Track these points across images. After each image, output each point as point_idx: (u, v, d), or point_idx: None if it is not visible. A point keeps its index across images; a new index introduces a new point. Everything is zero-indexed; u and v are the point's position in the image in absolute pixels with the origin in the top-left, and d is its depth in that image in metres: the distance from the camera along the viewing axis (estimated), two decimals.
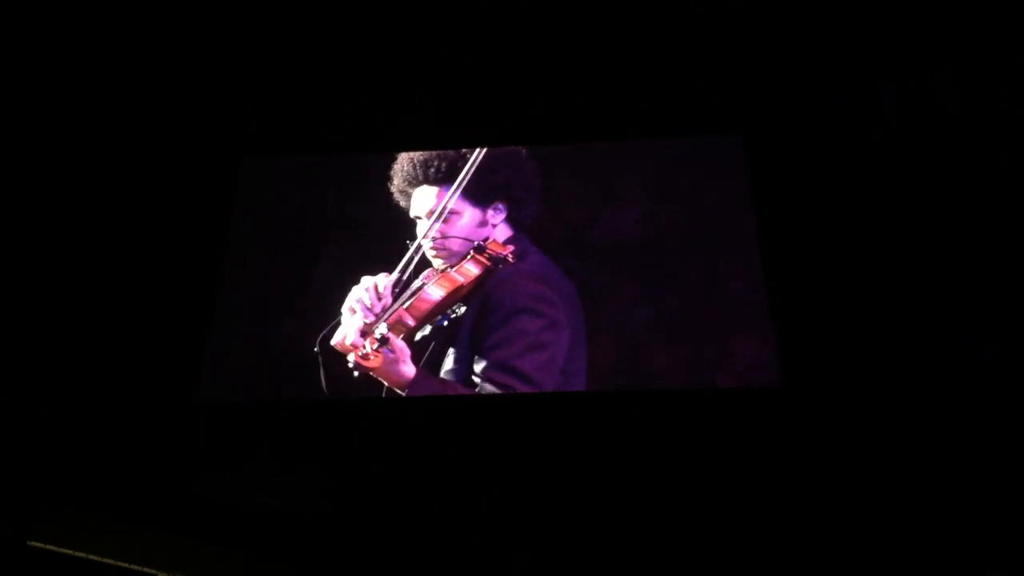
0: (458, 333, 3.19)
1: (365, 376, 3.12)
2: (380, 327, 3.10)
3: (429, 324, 3.19)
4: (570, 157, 3.64)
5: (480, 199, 3.33)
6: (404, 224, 3.39)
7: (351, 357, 3.13)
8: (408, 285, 3.25)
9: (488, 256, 3.25)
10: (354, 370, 3.12)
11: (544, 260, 3.34)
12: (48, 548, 2.98)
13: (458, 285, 3.20)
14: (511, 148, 3.52)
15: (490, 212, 3.33)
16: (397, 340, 3.11)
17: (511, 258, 3.27)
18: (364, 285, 3.22)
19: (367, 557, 3.24)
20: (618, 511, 3.14)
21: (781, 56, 3.69)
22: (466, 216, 3.31)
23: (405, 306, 3.17)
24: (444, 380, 3.16)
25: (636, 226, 3.48)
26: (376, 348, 3.06)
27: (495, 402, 3.15)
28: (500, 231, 3.33)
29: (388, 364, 3.09)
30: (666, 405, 3.20)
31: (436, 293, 3.18)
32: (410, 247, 3.30)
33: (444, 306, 3.19)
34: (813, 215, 3.46)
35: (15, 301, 3.39)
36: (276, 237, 3.62)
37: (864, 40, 3.63)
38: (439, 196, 3.34)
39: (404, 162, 3.45)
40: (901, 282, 3.31)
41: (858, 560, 2.97)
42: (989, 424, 3.00)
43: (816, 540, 3.03)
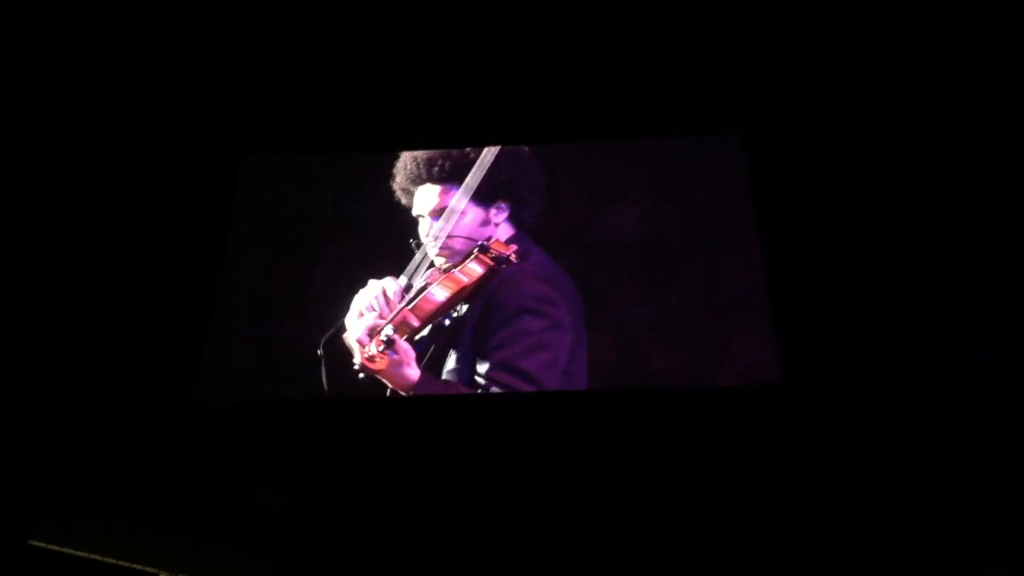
0: (460, 333, 3.19)
1: (370, 378, 3.11)
2: (385, 329, 3.10)
3: (431, 324, 3.20)
4: (570, 156, 3.63)
5: (483, 198, 3.33)
6: (405, 224, 3.39)
7: (356, 358, 3.13)
8: (411, 285, 3.25)
9: (492, 256, 3.24)
10: (359, 372, 3.12)
11: (546, 259, 3.33)
12: (49, 548, 2.98)
13: (463, 286, 3.19)
14: (514, 147, 3.51)
15: (493, 211, 3.33)
16: (402, 342, 3.11)
17: (514, 258, 3.26)
18: (372, 290, 3.22)
19: (368, 557, 3.24)
20: (618, 510, 3.14)
21: (781, 56, 3.69)
22: (469, 215, 3.30)
23: (410, 307, 3.17)
24: (447, 382, 3.16)
25: (636, 225, 3.47)
26: (382, 350, 3.06)
27: (496, 401, 3.15)
28: (502, 230, 3.33)
29: (393, 366, 3.08)
30: (666, 404, 3.20)
31: (441, 294, 3.18)
32: (413, 245, 3.30)
33: (448, 307, 3.19)
34: (813, 215, 3.46)
35: (15, 301, 3.38)
36: (276, 237, 3.60)
37: (864, 40, 3.63)
38: (442, 195, 3.34)
39: (407, 160, 3.44)
40: (901, 282, 3.31)
41: (858, 559, 2.97)
42: (989, 424, 3.00)
43: (816, 539, 3.03)
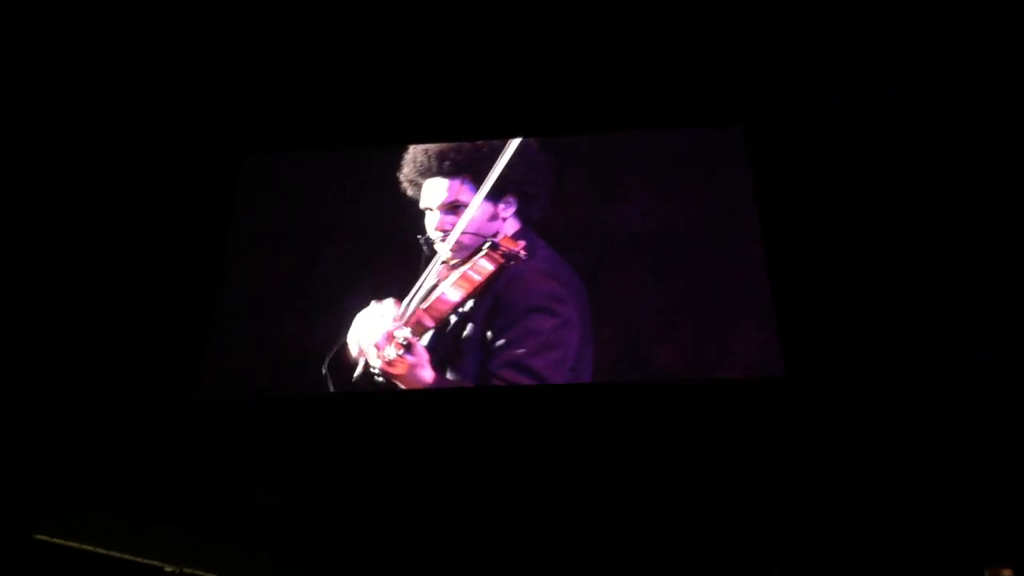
0: (468, 331, 3.18)
1: (388, 383, 3.11)
2: (403, 331, 3.09)
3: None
4: (574, 151, 3.61)
5: (492, 193, 3.31)
6: (406, 221, 3.38)
7: (373, 362, 3.12)
8: (421, 283, 3.23)
9: (502, 253, 3.24)
10: (377, 376, 3.12)
11: (552, 255, 3.32)
12: (54, 541, 3.01)
13: (476, 285, 3.19)
14: (523, 141, 3.46)
15: (501, 206, 3.32)
16: (419, 345, 3.12)
17: (523, 254, 3.25)
18: (376, 310, 3.20)
19: (369, 553, 3.25)
20: (623, 502, 3.14)
21: (781, 56, 3.69)
22: (478, 210, 3.28)
23: (424, 307, 3.17)
24: (461, 383, 3.15)
25: (641, 220, 3.45)
26: (400, 354, 3.06)
27: (499, 395, 3.14)
28: (509, 225, 3.32)
29: (410, 369, 3.08)
30: (670, 397, 3.19)
31: (455, 294, 3.18)
32: (422, 241, 3.29)
33: (460, 305, 3.19)
34: (814, 214, 3.45)
35: (16, 301, 3.39)
36: (277, 235, 3.60)
37: (864, 40, 3.62)
38: (451, 189, 3.33)
39: (418, 152, 3.44)
40: (901, 282, 3.30)
41: (859, 550, 2.97)
42: (989, 423, 3.00)
43: (818, 531, 3.03)
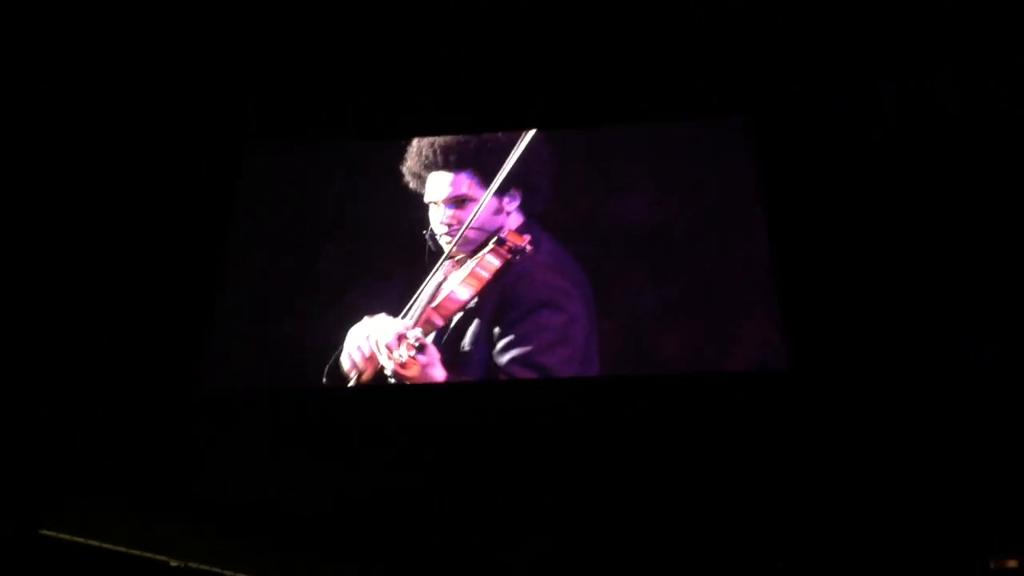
0: (475, 327, 3.15)
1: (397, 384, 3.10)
2: (414, 332, 3.08)
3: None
4: (576, 142, 3.57)
5: (497, 186, 3.26)
6: (409, 217, 3.36)
7: (388, 365, 3.10)
8: (428, 281, 3.22)
9: (508, 248, 3.21)
10: (391, 378, 3.11)
11: (557, 247, 3.29)
12: (60, 537, 3.04)
13: (485, 282, 3.17)
14: (527, 133, 3.39)
15: (506, 199, 3.28)
16: (431, 345, 3.10)
17: (529, 248, 3.22)
18: (375, 328, 3.18)
19: (371, 549, 3.25)
20: (627, 495, 3.13)
21: (781, 56, 3.69)
22: (483, 204, 3.25)
23: (433, 305, 3.15)
24: (468, 380, 3.13)
25: (645, 212, 3.41)
26: (413, 355, 3.04)
27: (504, 388, 3.13)
28: (513, 218, 3.29)
29: (423, 369, 3.06)
30: (674, 390, 3.17)
31: (465, 292, 3.15)
32: (427, 237, 3.27)
33: (469, 303, 3.17)
34: (815, 214, 3.45)
35: (16, 301, 3.39)
36: (278, 232, 3.56)
37: (864, 40, 3.63)
38: (456, 183, 3.31)
39: (423, 146, 3.40)
40: (901, 282, 3.30)
41: (864, 542, 2.97)
42: (991, 417, 3.00)
43: (823, 522, 3.03)
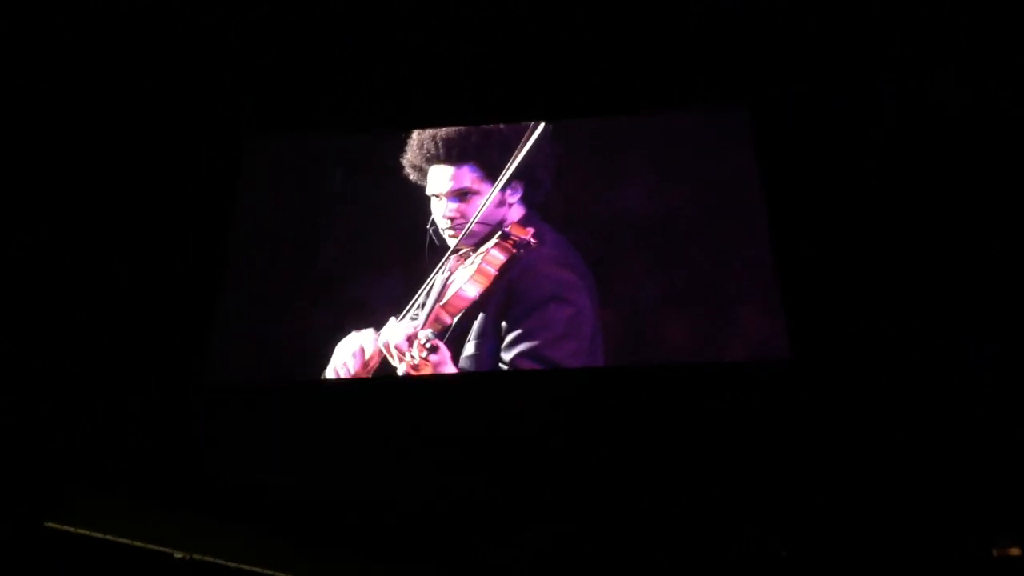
0: (481, 322, 3.14)
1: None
2: (425, 332, 3.08)
3: None
4: (576, 134, 3.56)
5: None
6: (409, 210, 3.36)
7: (400, 367, 3.10)
8: (433, 278, 3.21)
9: (513, 242, 3.19)
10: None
11: (560, 240, 3.28)
12: (64, 529, 3.04)
13: (492, 278, 3.15)
14: (530, 125, 3.39)
15: (508, 192, 3.27)
16: (443, 345, 3.09)
17: (533, 241, 3.20)
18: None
19: (373, 541, 3.25)
20: (628, 484, 3.13)
21: (781, 56, 3.69)
22: (485, 197, 3.24)
23: (442, 303, 3.14)
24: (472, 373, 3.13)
25: (645, 202, 3.40)
26: (425, 356, 3.04)
27: (509, 379, 3.12)
28: (515, 211, 3.28)
29: (435, 369, 3.07)
30: (676, 379, 3.18)
31: (472, 290, 3.14)
32: (430, 231, 3.27)
33: (478, 299, 3.16)
34: (815, 214, 3.45)
35: (16, 300, 3.39)
36: (281, 223, 3.56)
37: (864, 40, 3.63)
38: (458, 176, 3.29)
39: (424, 138, 3.39)
40: (901, 282, 3.30)
41: (867, 531, 2.96)
42: (992, 411, 2.99)
43: (825, 511, 3.03)
